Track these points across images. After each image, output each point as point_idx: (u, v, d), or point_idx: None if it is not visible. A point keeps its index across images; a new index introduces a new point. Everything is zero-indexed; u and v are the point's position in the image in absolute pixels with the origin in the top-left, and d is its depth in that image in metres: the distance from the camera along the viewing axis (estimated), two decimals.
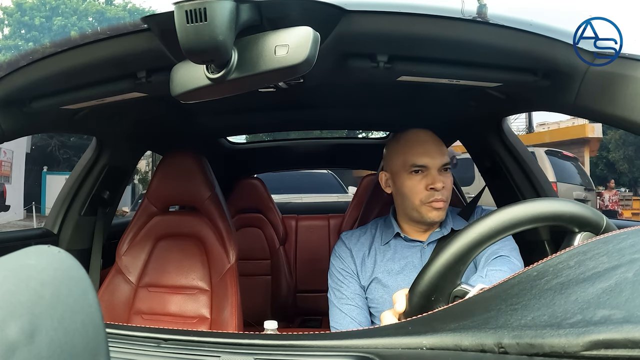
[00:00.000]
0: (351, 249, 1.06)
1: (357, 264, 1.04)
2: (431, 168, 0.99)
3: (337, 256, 1.07)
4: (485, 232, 0.51)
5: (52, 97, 0.99)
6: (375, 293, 1.01)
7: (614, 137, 15.32)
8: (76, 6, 19.73)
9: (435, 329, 0.41)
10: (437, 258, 0.53)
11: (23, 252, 0.25)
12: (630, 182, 14.73)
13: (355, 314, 0.99)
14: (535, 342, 0.34)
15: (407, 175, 1.00)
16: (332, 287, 1.05)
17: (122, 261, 1.37)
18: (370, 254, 1.05)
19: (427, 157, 0.99)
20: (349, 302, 1.01)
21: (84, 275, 0.25)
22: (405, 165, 1.00)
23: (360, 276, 1.03)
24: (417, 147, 1.01)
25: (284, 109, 1.62)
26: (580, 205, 0.53)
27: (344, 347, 0.42)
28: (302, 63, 0.59)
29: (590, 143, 15.08)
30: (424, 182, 0.98)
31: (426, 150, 1.00)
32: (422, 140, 1.02)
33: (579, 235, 0.52)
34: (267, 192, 2.24)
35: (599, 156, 15.94)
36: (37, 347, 0.21)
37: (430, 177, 0.98)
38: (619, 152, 15.26)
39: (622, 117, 0.76)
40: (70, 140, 14.40)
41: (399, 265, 1.01)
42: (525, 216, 0.51)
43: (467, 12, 0.75)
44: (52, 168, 14.09)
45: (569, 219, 0.52)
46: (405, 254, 1.02)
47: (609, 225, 0.52)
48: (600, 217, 0.52)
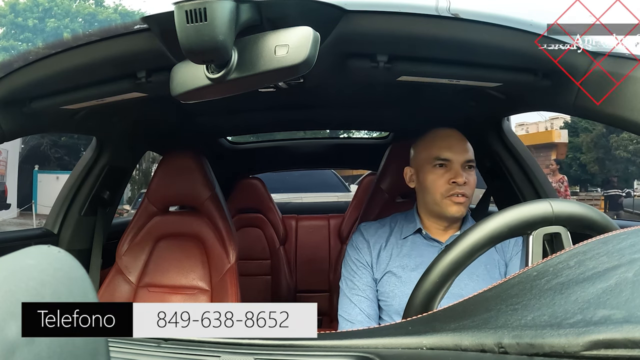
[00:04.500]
0: (369, 240, 1.06)
1: (373, 255, 1.04)
2: (454, 162, 1.00)
3: (353, 246, 1.07)
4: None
5: (52, 97, 0.99)
6: (387, 286, 1.01)
7: (585, 140, 16.00)
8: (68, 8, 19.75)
9: (435, 329, 0.41)
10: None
11: (23, 252, 0.25)
12: (603, 182, 15.14)
13: (365, 306, 1.00)
14: (535, 342, 0.34)
15: (431, 169, 1.01)
16: (345, 277, 1.05)
17: (122, 261, 1.37)
18: (387, 247, 1.05)
19: (450, 151, 1.00)
20: (359, 293, 1.01)
21: (84, 275, 0.25)
22: (429, 159, 1.01)
23: (375, 268, 1.04)
24: (441, 141, 1.02)
25: (284, 109, 1.62)
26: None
27: (344, 347, 0.42)
28: (302, 63, 0.59)
29: (557, 148, 15.77)
30: (446, 176, 0.99)
31: (450, 145, 1.01)
32: (446, 135, 1.04)
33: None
34: (267, 192, 2.24)
35: (573, 157, 16.79)
36: (37, 347, 0.21)
37: (453, 172, 0.99)
38: (590, 154, 15.88)
39: (622, 117, 0.76)
40: (61, 139, 14.43)
41: (414, 262, 1.01)
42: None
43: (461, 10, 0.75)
44: (43, 167, 14.14)
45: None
46: (422, 252, 1.02)
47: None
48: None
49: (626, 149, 14.75)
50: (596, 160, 15.72)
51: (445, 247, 0.58)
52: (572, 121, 16.82)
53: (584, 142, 16.26)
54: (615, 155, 14.93)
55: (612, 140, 14.98)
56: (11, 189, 12.76)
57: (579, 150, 16.55)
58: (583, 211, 0.56)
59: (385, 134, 2.24)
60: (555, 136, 16.18)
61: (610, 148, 15.13)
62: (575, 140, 16.65)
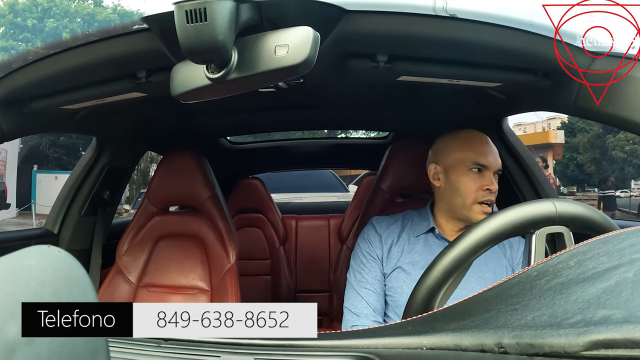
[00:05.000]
0: (381, 234, 1.06)
1: (384, 249, 1.04)
2: (490, 169, 1.00)
3: (365, 239, 1.07)
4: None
5: (52, 97, 0.99)
6: (395, 282, 1.01)
7: (582, 141, 16.21)
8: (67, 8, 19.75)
9: (435, 329, 0.41)
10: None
11: (23, 252, 0.25)
12: (600, 182, 15.31)
13: (371, 299, 1.00)
14: (535, 342, 0.34)
15: (465, 172, 1.00)
16: (354, 269, 1.05)
17: (122, 261, 1.38)
18: (399, 242, 1.05)
19: (490, 158, 1.00)
20: (367, 287, 1.01)
21: (84, 275, 0.25)
22: (466, 162, 1.00)
23: (385, 263, 1.04)
24: (480, 146, 1.02)
25: (284, 109, 1.62)
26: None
27: (344, 347, 0.42)
28: (302, 63, 0.59)
29: (554, 148, 15.95)
30: (480, 182, 0.99)
31: (489, 151, 1.02)
32: (485, 141, 1.04)
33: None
34: (267, 192, 2.24)
35: (570, 158, 16.99)
36: (37, 347, 0.21)
37: (488, 178, 0.99)
38: (587, 154, 16.05)
39: (622, 117, 0.76)
40: (60, 139, 14.42)
41: (425, 260, 1.01)
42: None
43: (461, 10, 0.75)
44: (42, 167, 14.14)
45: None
46: (434, 250, 1.02)
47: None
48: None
49: (623, 150, 14.85)
50: (593, 161, 15.85)
51: (449, 244, 0.58)
52: (570, 121, 16.95)
53: (580, 143, 16.42)
54: (612, 156, 15.03)
55: (609, 140, 15.07)
56: (10, 188, 12.79)
57: (576, 150, 16.69)
58: (586, 212, 0.57)
59: (385, 134, 2.24)
60: (551, 137, 16.33)
61: (607, 148, 15.24)
62: (573, 141, 16.81)
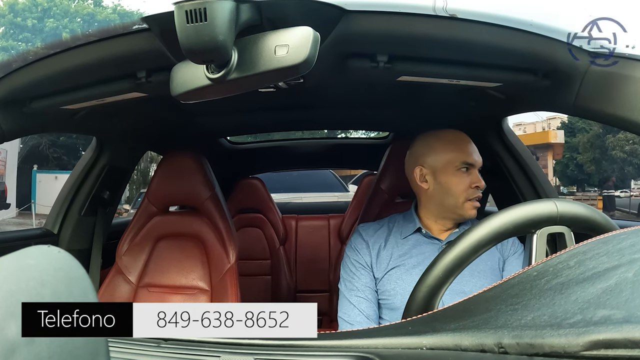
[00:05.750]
0: (368, 240, 1.07)
1: (372, 255, 1.05)
2: (475, 167, 1.03)
3: (352, 248, 1.08)
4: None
5: (52, 97, 0.98)
6: (388, 284, 1.02)
7: (582, 141, 16.26)
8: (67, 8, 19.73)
9: (435, 329, 0.41)
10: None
11: (23, 252, 0.25)
12: (599, 182, 15.35)
13: (364, 307, 1.00)
14: (535, 342, 0.34)
15: (455, 172, 1.02)
16: (344, 278, 1.06)
17: (122, 261, 1.37)
18: (387, 246, 1.05)
19: (475, 156, 1.04)
20: (359, 295, 1.02)
21: (84, 275, 0.25)
22: (455, 162, 1.02)
23: (375, 268, 1.04)
24: (465, 146, 1.04)
25: (284, 109, 1.62)
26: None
27: (344, 347, 0.42)
28: (302, 63, 0.59)
29: (554, 148, 15.99)
30: (469, 180, 1.02)
31: (474, 149, 1.05)
32: (468, 140, 1.06)
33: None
34: (267, 192, 2.24)
35: (570, 158, 17.10)
36: (37, 347, 0.21)
37: (475, 176, 1.03)
38: (587, 154, 16.12)
39: (622, 117, 0.76)
40: (60, 139, 14.42)
41: (415, 259, 1.02)
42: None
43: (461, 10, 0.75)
44: (42, 167, 14.15)
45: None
46: (423, 250, 1.03)
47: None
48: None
49: (622, 149, 14.90)
50: (593, 161, 15.91)
51: (450, 243, 0.59)
52: (569, 121, 17.00)
53: (580, 143, 16.50)
54: (612, 156, 15.07)
55: (609, 140, 15.10)
56: (10, 188, 12.80)
57: (576, 150, 16.75)
58: (587, 212, 0.57)
59: (385, 134, 2.24)
60: (551, 137, 16.37)
61: (606, 148, 15.29)
62: (572, 141, 16.87)
